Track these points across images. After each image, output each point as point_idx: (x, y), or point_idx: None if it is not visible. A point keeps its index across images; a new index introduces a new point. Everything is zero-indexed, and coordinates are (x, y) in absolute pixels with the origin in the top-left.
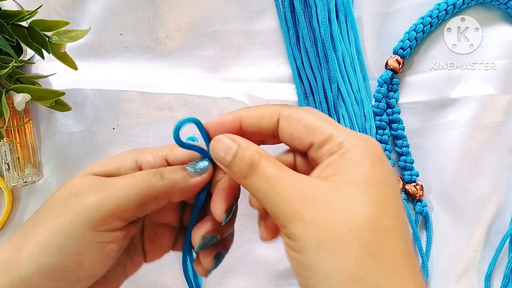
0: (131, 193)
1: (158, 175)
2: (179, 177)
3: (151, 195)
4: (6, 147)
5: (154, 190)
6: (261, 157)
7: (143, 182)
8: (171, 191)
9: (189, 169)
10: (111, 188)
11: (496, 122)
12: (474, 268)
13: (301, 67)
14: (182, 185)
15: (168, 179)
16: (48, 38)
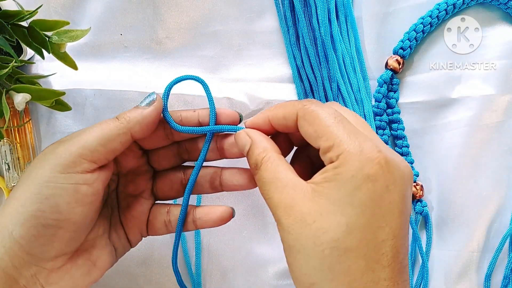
0: (92, 136)
1: (115, 117)
2: (133, 113)
3: (112, 134)
4: (6, 147)
5: (113, 129)
6: (264, 158)
7: (102, 125)
8: (128, 126)
9: (140, 104)
10: (74, 137)
11: (496, 122)
12: (474, 268)
13: (301, 66)
14: (137, 118)
15: (123, 117)
16: (48, 38)
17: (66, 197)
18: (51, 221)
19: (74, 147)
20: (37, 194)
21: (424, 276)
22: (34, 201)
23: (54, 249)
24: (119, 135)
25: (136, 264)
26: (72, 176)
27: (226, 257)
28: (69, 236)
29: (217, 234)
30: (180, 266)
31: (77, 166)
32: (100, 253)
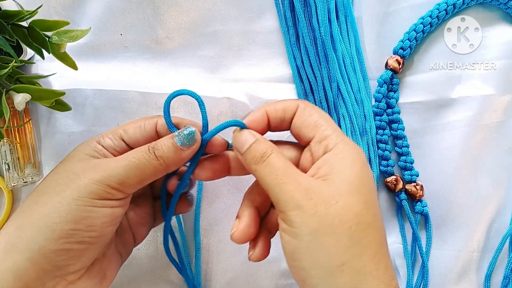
0: (131, 172)
1: (152, 153)
2: (171, 154)
3: (149, 174)
4: (6, 147)
5: (151, 168)
6: (273, 150)
7: (141, 161)
8: (167, 168)
9: (177, 142)
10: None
11: (496, 122)
12: (474, 268)
13: (301, 66)
14: (175, 160)
15: (162, 158)
16: (48, 38)
17: (102, 218)
18: (86, 238)
19: (112, 181)
20: (74, 214)
21: (424, 276)
22: (70, 220)
23: (80, 262)
24: (156, 175)
25: (136, 264)
26: (108, 202)
27: (226, 257)
28: (95, 251)
29: (217, 234)
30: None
31: (113, 196)
32: (109, 261)
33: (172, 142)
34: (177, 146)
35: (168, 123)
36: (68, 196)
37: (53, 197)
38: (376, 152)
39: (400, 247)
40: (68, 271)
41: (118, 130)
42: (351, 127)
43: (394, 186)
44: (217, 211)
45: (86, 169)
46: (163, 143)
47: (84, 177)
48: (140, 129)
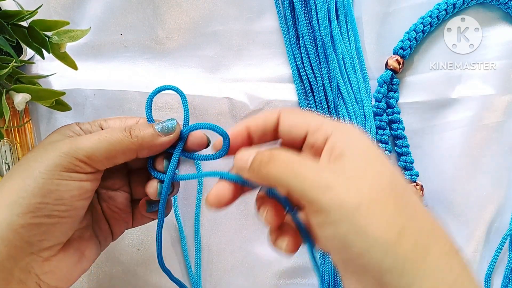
0: (101, 146)
1: (127, 132)
2: (147, 136)
3: (120, 150)
4: (6, 147)
5: (122, 145)
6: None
7: (113, 137)
8: (139, 148)
9: (156, 128)
10: (83, 140)
11: (496, 122)
12: (474, 268)
13: (301, 66)
14: (150, 143)
15: (136, 137)
16: (48, 38)
17: (70, 192)
18: (55, 212)
19: (80, 153)
20: (41, 188)
21: None
22: (37, 194)
23: (53, 237)
24: (126, 153)
25: (136, 264)
26: (75, 175)
27: (226, 257)
28: (67, 227)
29: (217, 234)
30: (180, 266)
31: (81, 169)
32: (87, 244)
33: (151, 127)
34: (155, 130)
35: (149, 118)
36: (35, 169)
37: (21, 172)
38: None
39: None
40: (41, 247)
41: (99, 120)
42: None
43: None
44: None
45: (55, 144)
46: (141, 125)
47: (52, 151)
48: (120, 121)
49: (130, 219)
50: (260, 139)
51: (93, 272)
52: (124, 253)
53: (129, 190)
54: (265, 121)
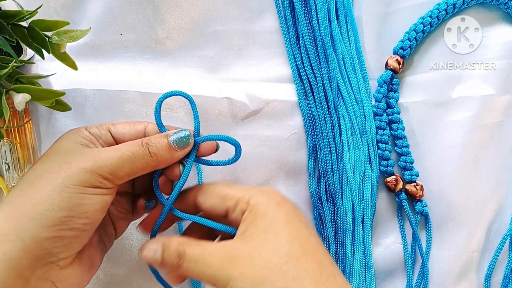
0: (124, 164)
1: (146, 148)
2: (165, 152)
3: (141, 168)
4: (6, 147)
5: (143, 163)
6: (184, 245)
7: (134, 155)
8: (158, 164)
9: (173, 143)
10: (105, 156)
11: (496, 122)
12: (474, 269)
13: (301, 66)
14: (168, 160)
15: (155, 155)
16: (48, 38)
17: (94, 206)
18: (79, 225)
19: (104, 171)
20: (67, 202)
21: (424, 276)
22: (64, 208)
23: (71, 248)
24: (146, 169)
25: (136, 264)
26: (99, 190)
27: None
28: (86, 238)
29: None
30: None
31: (104, 185)
32: (95, 249)
33: (167, 142)
34: (171, 145)
35: (158, 123)
36: (61, 184)
37: (44, 186)
38: (376, 152)
39: (400, 247)
40: (59, 257)
41: (107, 123)
42: (351, 127)
43: (394, 186)
44: None
45: (77, 157)
46: (157, 140)
47: (76, 166)
48: (129, 126)
49: (131, 215)
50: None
51: None
52: (125, 254)
53: (132, 189)
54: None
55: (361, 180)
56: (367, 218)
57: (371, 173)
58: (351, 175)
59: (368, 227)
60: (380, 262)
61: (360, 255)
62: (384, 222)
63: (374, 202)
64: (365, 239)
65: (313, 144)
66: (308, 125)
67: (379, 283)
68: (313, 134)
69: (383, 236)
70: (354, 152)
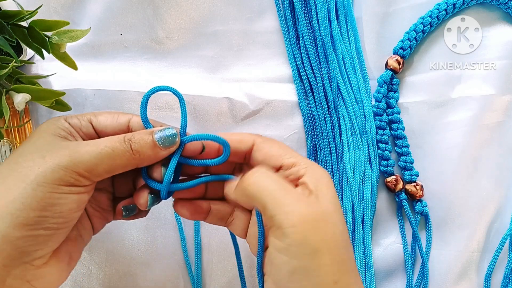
0: (102, 160)
1: (128, 144)
2: (148, 150)
3: (121, 164)
4: (6, 147)
5: (123, 160)
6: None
7: (114, 151)
8: (139, 162)
9: (157, 140)
10: (83, 152)
11: (496, 122)
12: (474, 269)
13: (301, 66)
14: (151, 157)
15: (138, 152)
16: (48, 38)
17: (69, 205)
18: (53, 224)
19: (81, 168)
20: (39, 201)
21: (424, 276)
22: (36, 207)
23: (47, 247)
24: (127, 167)
25: (136, 264)
26: (75, 188)
27: (226, 257)
28: (62, 236)
29: (217, 234)
30: (180, 266)
31: (80, 183)
32: (73, 244)
33: (151, 139)
34: (156, 143)
35: (144, 119)
36: (33, 181)
37: (17, 183)
38: (376, 152)
39: (400, 247)
40: (35, 256)
41: (88, 114)
42: (351, 127)
43: (394, 186)
44: None
45: (53, 152)
46: (141, 137)
47: (51, 161)
48: (112, 118)
49: (111, 216)
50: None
51: (93, 272)
52: (123, 254)
53: (112, 189)
54: (240, 143)
55: (361, 180)
56: (367, 218)
57: (371, 173)
58: (351, 175)
59: (368, 227)
60: (380, 262)
61: (360, 255)
62: (384, 222)
63: (374, 202)
64: (365, 239)
65: (313, 144)
66: (308, 125)
67: (379, 283)
68: (313, 134)
69: (383, 236)
70: (354, 152)
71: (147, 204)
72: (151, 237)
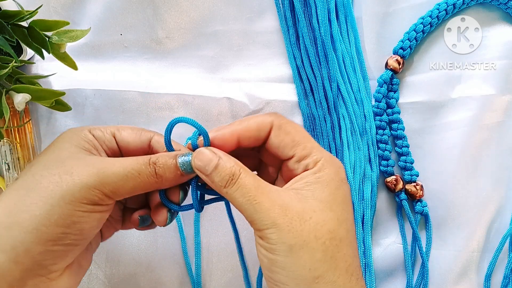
0: (127, 182)
1: (152, 169)
2: (171, 175)
3: (144, 187)
4: (6, 147)
5: (147, 183)
6: (241, 169)
7: (140, 175)
8: (161, 186)
9: (180, 167)
10: (109, 172)
11: (496, 122)
12: (474, 269)
13: (301, 66)
14: (172, 182)
15: (160, 177)
16: (48, 38)
17: (91, 223)
18: (73, 241)
19: (106, 188)
20: (65, 219)
21: (424, 276)
22: (61, 224)
23: (63, 261)
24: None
25: (136, 264)
26: (98, 207)
27: (226, 257)
28: (79, 251)
29: (217, 234)
30: (180, 266)
31: (104, 202)
32: (84, 255)
33: (175, 163)
34: (178, 168)
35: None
36: (60, 199)
37: (43, 197)
38: (376, 152)
39: (400, 247)
40: (51, 270)
41: (111, 127)
42: (351, 127)
43: (394, 186)
44: (217, 211)
45: (80, 169)
46: (164, 161)
47: (79, 180)
48: (135, 135)
49: (119, 225)
50: (249, 145)
51: (93, 272)
52: (124, 254)
53: (124, 200)
54: (258, 131)
55: (361, 180)
56: (367, 218)
57: (371, 173)
58: (351, 175)
59: (368, 227)
60: (380, 262)
61: (360, 255)
62: (384, 222)
63: (374, 202)
64: (365, 239)
65: None
66: (308, 125)
67: (379, 283)
68: (313, 134)
69: (383, 236)
70: (354, 152)
71: (166, 222)
72: (151, 237)
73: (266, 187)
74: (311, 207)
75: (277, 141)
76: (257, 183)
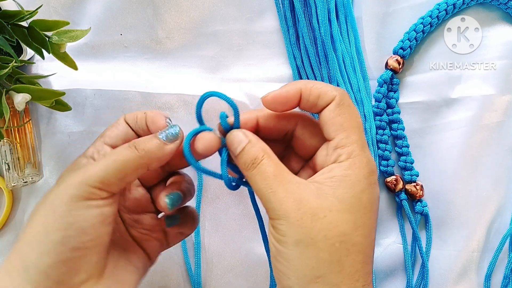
0: (111, 168)
1: (133, 147)
2: (153, 147)
3: (130, 168)
4: (6, 147)
5: (132, 163)
6: (264, 154)
7: (121, 156)
8: (148, 161)
9: (161, 137)
10: (92, 167)
11: (496, 122)
12: (474, 268)
13: (301, 66)
14: (157, 153)
15: (143, 150)
16: (48, 38)
17: (91, 220)
18: (79, 243)
19: (92, 180)
20: (60, 222)
21: (424, 276)
22: (58, 228)
23: (83, 272)
24: (137, 170)
25: None
26: (92, 202)
27: (226, 257)
28: (96, 257)
29: (217, 234)
30: (180, 266)
31: (96, 196)
32: (124, 273)
33: (156, 137)
34: (160, 140)
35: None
36: (50, 205)
37: (39, 212)
38: (376, 152)
39: (400, 247)
40: (72, 283)
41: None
42: None
43: (394, 186)
44: (217, 211)
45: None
46: (145, 138)
47: (65, 184)
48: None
49: (163, 237)
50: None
51: None
52: None
53: (153, 208)
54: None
55: None
56: None
57: None
58: None
59: None
60: (380, 262)
61: None
62: (384, 222)
63: None
64: None
65: None
66: None
67: (379, 283)
68: None
69: (383, 236)
70: None
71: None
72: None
73: (287, 177)
74: (328, 205)
75: (328, 117)
76: (278, 171)
